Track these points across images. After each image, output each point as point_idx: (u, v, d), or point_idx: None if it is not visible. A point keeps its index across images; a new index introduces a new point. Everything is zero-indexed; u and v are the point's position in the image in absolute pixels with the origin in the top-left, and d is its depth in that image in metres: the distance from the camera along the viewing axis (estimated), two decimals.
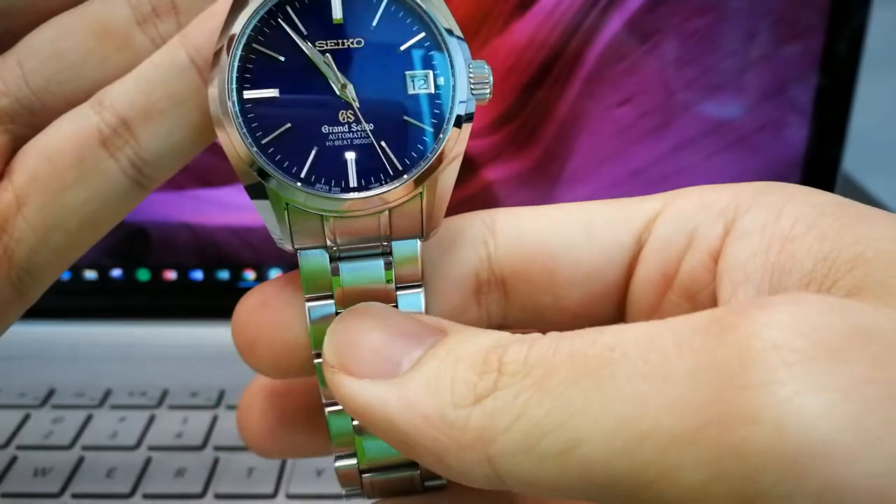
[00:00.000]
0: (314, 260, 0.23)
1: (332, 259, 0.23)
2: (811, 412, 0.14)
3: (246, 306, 0.24)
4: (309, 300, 0.23)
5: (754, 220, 0.21)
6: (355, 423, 0.24)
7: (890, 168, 0.67)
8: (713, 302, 0.22)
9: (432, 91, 0.23)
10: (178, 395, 0.46)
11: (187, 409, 0.45)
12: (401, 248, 0.23)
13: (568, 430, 0.16)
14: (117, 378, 0.47)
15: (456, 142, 0.22)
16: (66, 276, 0.53)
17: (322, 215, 0.22)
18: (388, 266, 0.23)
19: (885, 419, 0.14)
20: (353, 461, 0.25)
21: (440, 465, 0.18)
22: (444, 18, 0.23)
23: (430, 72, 0.23)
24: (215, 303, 0.53)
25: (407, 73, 0.23)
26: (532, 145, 0.50)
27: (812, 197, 0.21)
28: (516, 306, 0.25)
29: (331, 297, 0.23)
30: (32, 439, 0.42)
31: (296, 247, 0.23)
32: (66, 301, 0.54)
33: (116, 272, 0.53)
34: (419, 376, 0.19)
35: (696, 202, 0.23)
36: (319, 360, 0.23)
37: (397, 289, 0.23)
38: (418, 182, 0.22)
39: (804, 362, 0.14)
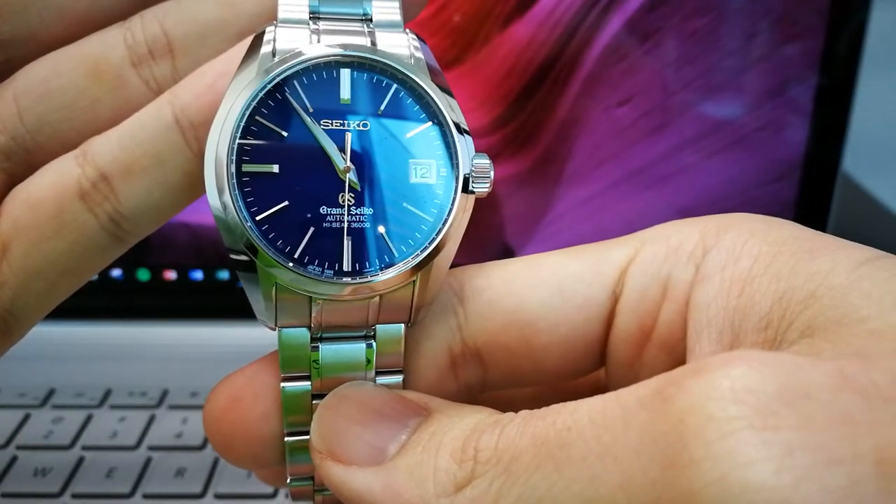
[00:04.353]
0: (295, 338, 0.22)
1: (312, 339, 0.22)
2: (748, 487, 0.14)
3: (216, 404, 0.24)
4: (285, 379, 0.23)
5: (715, 261, 0.21)
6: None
7: (890, 168, 0.67)
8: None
9: (434, 181, 0.22)
10: (178, 394, 0.46)
11: (187, 409, 0.45)
12: (385, 332, 0.23)
13: None
14: (117, 378, 0.47)
15: (453, 232, 0.22)
16: None
17: (311, 298, 0.21)
18: (368, 347, 0.23)
19: (820, 486, 0.13)
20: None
21: None
22: (452, 110, 0.22)
23: (434, 161, 0.22)
24: (215, 303, 0.53)
25: (410, 160, 0.22)
26: (532, 145, 0.50)
27: (772, 232, 0.21)
28: (495, 373, 0.25)
29: (307, 377, 0.23)
30: (32, 439, 0.42)
31: (279, 325, 0.22)
32: (67, 301, 0.53)
33: (116, 272, 0.53)
34: (403, 465, 0.20)
35: (666, 247, 0.23)
36: (290, 439, 0.23)
37: (377, 374, 0.23)
38: (414, 270, 0.22)
39: (739, 432, 0.14)
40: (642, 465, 0.15)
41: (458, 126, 0.22)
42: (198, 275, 0.53)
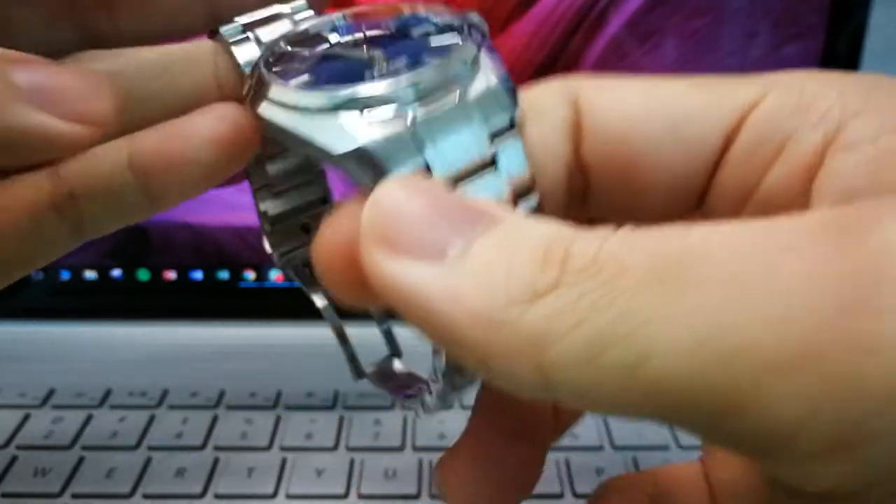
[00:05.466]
0: None
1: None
2: None
3: (343, 231, 0.20)
4: None
5: (864, 128, 0.18)
6: None
7: None
8: None
9: (450, 42, 0.22)
10: (178, 395, 0.46)
11: (187, 409, 0.45)
12: (508, 153, 0.21)
13: (640, 340, 0.14)
14: (117, 378, 0.47)
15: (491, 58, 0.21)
16: (66, 276, 0.53)
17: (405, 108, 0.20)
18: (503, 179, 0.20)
19: None
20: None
21: (483, 368, 0.16)
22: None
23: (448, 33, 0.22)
24: (215, 303, 0.53)
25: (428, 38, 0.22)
26: None
27: None
28: (592, 203, 0.23)
29: None
30: (32, 439, 0.42)
31: (385, 171, 0.20)
32: (67, 301, 0.54)
33: (116, 272, 0.53)
34: (468, 266, 0.16)
35: (796, 100, 0.20)
36: None
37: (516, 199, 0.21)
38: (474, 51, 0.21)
39: None
40: (808, 303, 0.13)
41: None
42: (198, 275, 0.53)
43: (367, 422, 0.43)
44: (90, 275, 0.53)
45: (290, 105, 0.21)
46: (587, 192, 0.23)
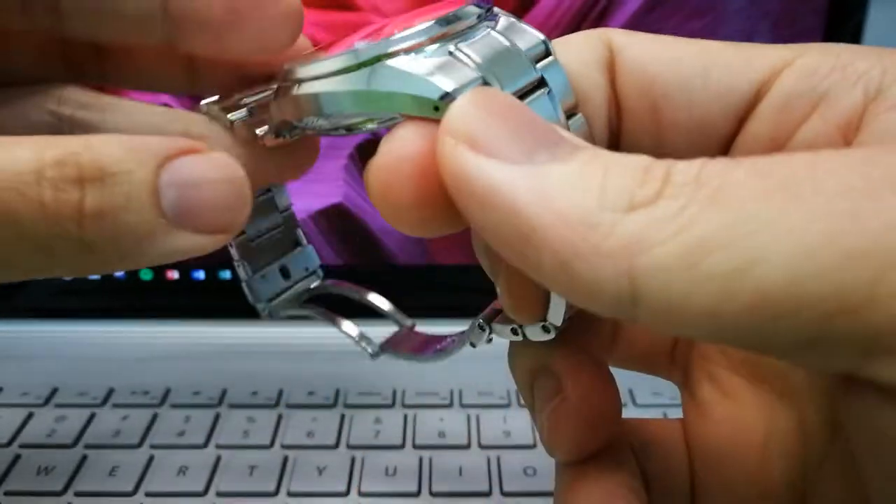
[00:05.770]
0: None
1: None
2: None
3: (414, 148, 0.18)
4: None
5: None
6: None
7: None
8: None
9: None
10: (180, 393, 0.46)
11: (189, 408, 0.45)
12: (552, 72, 0.21)
13: (748, 246, 0.13)
14: (119, 377, 0.48)
15: None
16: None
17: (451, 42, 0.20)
18: (552, 98, 0.21)
19: None
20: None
21: (562, 272, 0.15)
22: None
23: None
24: (217, 302, 0.53)
25: None
26: None
27: None
28: (624, 142, 0.23)
29: None
30: (35, 438, 0.42)
31: (452, 89, 0.19)
32: (69, 300, 0.54)
33: (119, 272, 0.53)
34: (559, 172, 0.16)
35: (833, 61, 0.20)
36: None
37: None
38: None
39: None
40: None
41: None
42: (199, 274, 0.53)
43: (368, 420, 0.43)
44: (92, 274, 0.53)
45: (326, 73, 0.21)
46: (619, 137, 0.23)
